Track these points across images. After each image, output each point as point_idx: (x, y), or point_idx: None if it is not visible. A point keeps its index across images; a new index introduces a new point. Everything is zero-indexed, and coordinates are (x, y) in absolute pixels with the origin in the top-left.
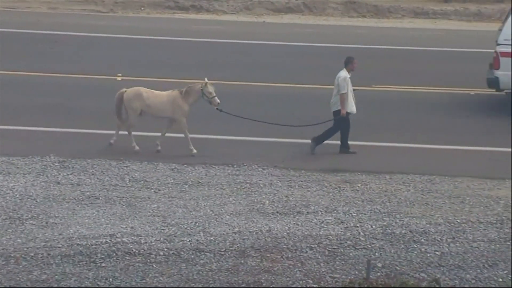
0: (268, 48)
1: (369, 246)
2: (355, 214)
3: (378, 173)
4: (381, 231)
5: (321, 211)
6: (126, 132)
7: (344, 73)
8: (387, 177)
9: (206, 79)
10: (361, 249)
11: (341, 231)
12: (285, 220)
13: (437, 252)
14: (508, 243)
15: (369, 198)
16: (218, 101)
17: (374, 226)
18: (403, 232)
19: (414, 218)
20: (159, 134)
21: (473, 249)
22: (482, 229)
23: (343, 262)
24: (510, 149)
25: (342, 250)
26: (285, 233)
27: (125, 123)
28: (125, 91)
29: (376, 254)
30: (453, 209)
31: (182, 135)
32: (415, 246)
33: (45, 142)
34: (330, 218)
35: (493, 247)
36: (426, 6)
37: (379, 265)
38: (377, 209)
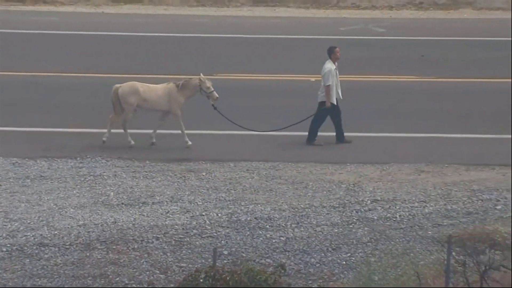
0: (108, 39)
1: (215, 234)
2: (200, 203)
3: (222, 161)
4: (226, 218)
5: (166, 201)
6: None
7: (329, 65)
8: (231, 165)
9: (201, 74)
10: (207, 237)
11: (187, 220)
12: (131, 211)
13: (282, 238)
14: (351, 226)
15: (214, 187)
16: (217, 95)
17: (219, 214)
18: (248, 219)
19: (259, 205)
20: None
21: (317, 233)
22: (325, 213)
23: (189, 251)
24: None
25: (188, 239)
26: (131, 224)
27: (119, 119)
28: (120, 86)
29: (222, 241)
30: (297, 194)
31: (21, 128)
32: (261, 232)
33: None
34: (175, 207)
35: (336, 230)
36: None
37: (226, 252)
38: (222, 197)
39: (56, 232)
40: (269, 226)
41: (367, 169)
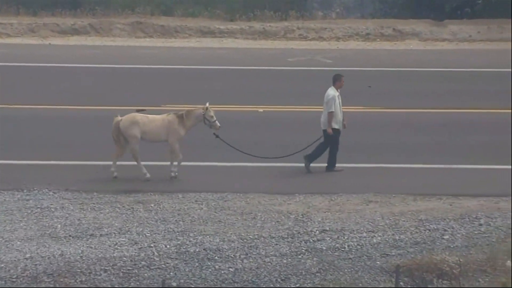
0: (55, 70)
1: (163, 265)
2: (149, 235)
3: (170, 192)
4: (175, 250)
5: (114, 232)
6: (135, 162)
7: (332, 92)
8: (180, 196)
9: (207, 104)
10: (155, 269)
11: (135, 252)
12: (78, 244)
13: (231, 269)
14: (300, 256)
15: (162, 218)
16: (219, 124)
17: (168, 246)
18: (197, 250)
19: (208, 236)
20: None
21: (266, 264)
22: (274, 244)
23: (138, 283)
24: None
25: (136, 271)
26: (79, 257)
27: (124, 151)
28: (120, 119)
29: (171, 273)
30: (246, 225)
31: None
32: (209, 263)
33: None
34: (123, 239)
35: (285, 261)
36: (212, 25)
37: (174, 284)
38: (170, 228)
39: (2, 265)
40: (218, 257)
41: (316, 200)
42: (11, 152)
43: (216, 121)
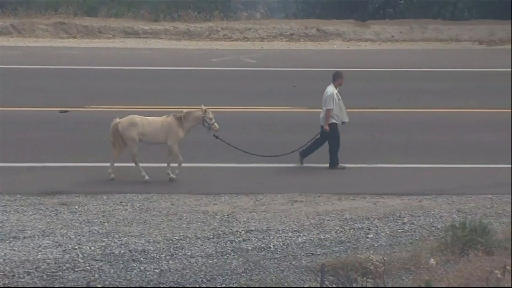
0: None
1: (88, 267)
2: (73, 237)
3: (95, 194)
4: (100, 252)
5: (38, 235)
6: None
7: (331, 89)
8: (104, 197)
9: (202, 105)
10: (80, 271)
11: (59, 254)
12: (1, 246)
13: (156, 270)
14: (225, 256)
15: (87, 220)
16: (218, 126)
17: (93, 248)
18: (122, 251)
19: (133, 237)
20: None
21: (191, 265)
22: (199, 244)
23: (62, 285)
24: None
25: (61, 273)
26: (1, 260)
27: (121, 153)
28: (119, 121)
29: (96, 275)
30: (171, 226)
31: None
32: (135, 265)
33: None
34: (47, 241)
35: (210, 261)
36: (136, 25)
37: (99, 286)
38: (95, 230)
39: None
40: (143, 258)
41: (241, 200)
42: None
43: (215, 123)
